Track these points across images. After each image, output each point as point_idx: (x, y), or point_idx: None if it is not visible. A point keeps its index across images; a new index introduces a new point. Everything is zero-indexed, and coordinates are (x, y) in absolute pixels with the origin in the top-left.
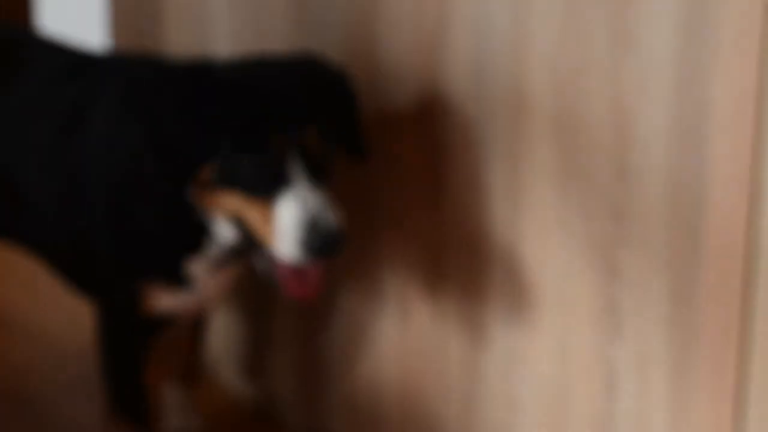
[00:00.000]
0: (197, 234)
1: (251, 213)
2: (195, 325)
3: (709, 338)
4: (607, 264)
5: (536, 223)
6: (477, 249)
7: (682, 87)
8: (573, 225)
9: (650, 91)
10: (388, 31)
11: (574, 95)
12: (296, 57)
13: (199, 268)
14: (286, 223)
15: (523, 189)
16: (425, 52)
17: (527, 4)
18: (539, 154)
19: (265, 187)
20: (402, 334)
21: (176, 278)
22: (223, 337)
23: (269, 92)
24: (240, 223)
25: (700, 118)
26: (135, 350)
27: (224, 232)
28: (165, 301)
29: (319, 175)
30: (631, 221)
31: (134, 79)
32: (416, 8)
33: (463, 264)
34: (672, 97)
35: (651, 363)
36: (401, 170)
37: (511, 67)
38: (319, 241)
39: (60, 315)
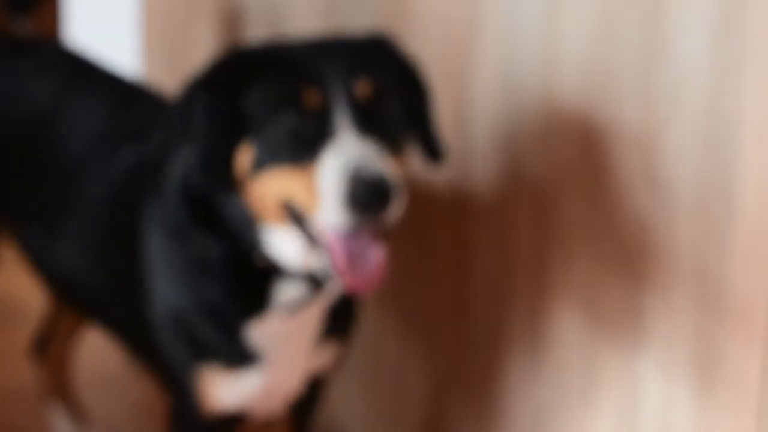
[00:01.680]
0: (256, 272)
1: (295, 186)
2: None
3: (734, 350)
4: (634, 274)
5: (563, 230)
6: (503, 253)
7: (713, 97)
8: (600, 233)
9: (680, 100)
10: (416, 37)
11: (604, 104)
12: (362, 35)
13: (264, 332)
14: (328, 180)
15: (551, 196)
16: (454, 57)
17: (558, 11)
18: (568, 162)
19: (305, 148)
20: (431, 344)
21: (236, 353)
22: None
23: (301, 50)
24: (292, 213)
25: (730, 128)
26: None
27: (284, 244)
28: (226, 391)
29: (378, 131)
30: (659, 231)
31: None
32: (445, 14)
33: (489, 269)
34: (702, 107)
35: (675, 374)
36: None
37: (540, 74)
38: (364, 190)
39: None
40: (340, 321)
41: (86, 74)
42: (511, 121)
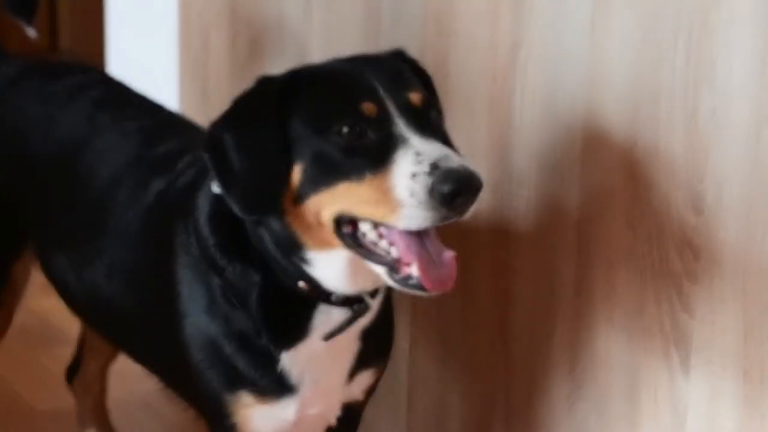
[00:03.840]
0: (293, 300)
1: (363, 196)
2: None
3: None
4: (678, 298)
5: (606, 255)
6: (545, 278)
7: (759, 119)
8: (643, 257)
9: (726, 124)
10: (458, 63)
11: (648, 128)
12: (384, 51)
13: (300, 361)
14: (407, 178)
15: (593, 218)
16: (498, 79)
17: (601, 36)
18: (611, 183)
19: (371, 157)
20: (469, 363)
21: (271, 382)
22: None
23: (338, 68)
24: (349, 236)
25: None
26: None
27: (330, 267)
28: (262, 419)
29: (436, 136)
30: (703, 255)
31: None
32: (488, 40)
33: (530, 294)
34: (748, 129)
35: (720, 398)
36: None
37: (584, 95)
38: (450, 182)
39: None
40: (375, 348)
41: (119, 101)
42: (554, 146)
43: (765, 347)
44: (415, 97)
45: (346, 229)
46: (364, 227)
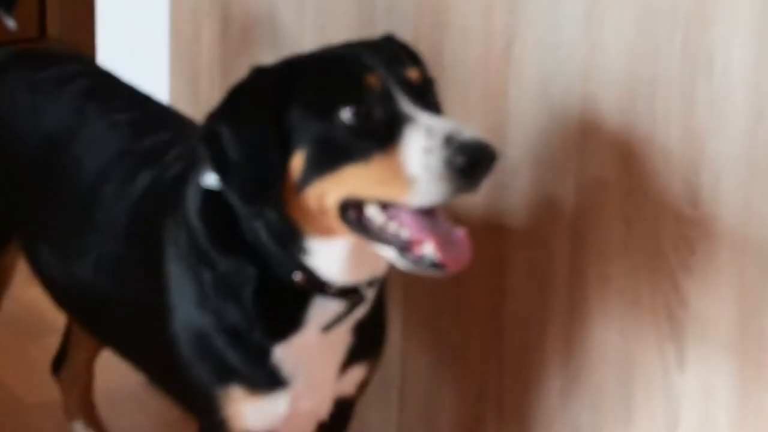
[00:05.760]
0: (288, 292)
1: (371, 177)
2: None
3: None
4: (673, 293)
5: (600, 247)
6: (539, 272)
7: (757, 110)
8: (639, 251)
9: (724, 114)
10: (453, 54)
11: (645, 119)
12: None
13: (293, 354)
14: (420, 153)
15: (587, 211)
16: (492, 71)
17: (597, 27)
18: (606, 176)
19: (379, 137)
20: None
21: (263, 376)
22: None
23: (334, 52)
24: (355, 221)
25: None
26: None
27: (330, 260)
28: (253, 414)
29: (438, 111)
30: (700, 248)
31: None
32: (482, 30)
33: (524, 288)
34: (746, 120)
35: (715, 393)
36: None
37: (579, 87)
38: (467, 152)
39: None
40: (369, 342)
41: (107, 91)
42: (549, 138)
43: (761, 342)
44: (414, 74)
45: (352, 213)
46: (371, 210)
